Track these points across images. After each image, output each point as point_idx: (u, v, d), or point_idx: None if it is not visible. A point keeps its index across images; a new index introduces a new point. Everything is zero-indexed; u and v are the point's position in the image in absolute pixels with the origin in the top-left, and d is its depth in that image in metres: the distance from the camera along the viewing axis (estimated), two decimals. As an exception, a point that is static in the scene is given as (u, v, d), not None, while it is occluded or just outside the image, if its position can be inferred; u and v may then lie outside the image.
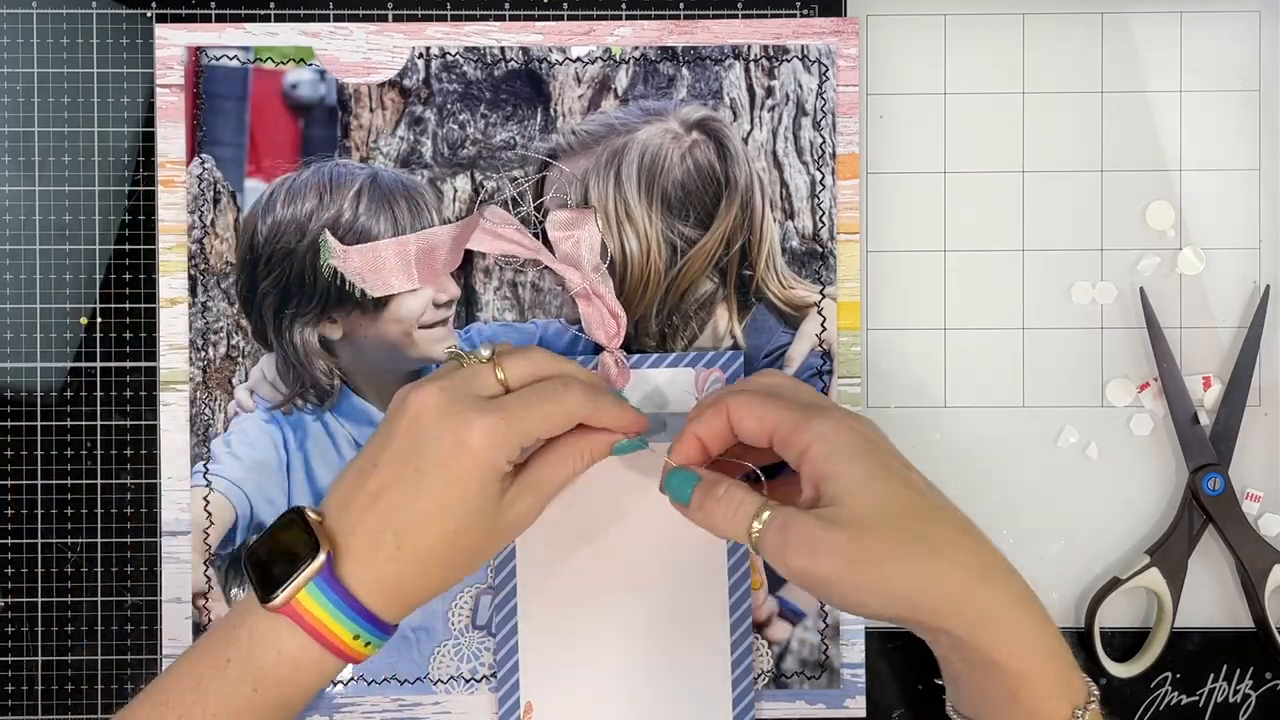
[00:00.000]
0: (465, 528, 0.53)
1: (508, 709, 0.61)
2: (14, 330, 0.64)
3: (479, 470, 0.52)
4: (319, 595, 0.51)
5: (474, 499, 0.52)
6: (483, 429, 0.52)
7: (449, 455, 0.52)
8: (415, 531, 0.52)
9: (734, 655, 0.61)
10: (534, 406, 0.54)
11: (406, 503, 0.52)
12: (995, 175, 0.65)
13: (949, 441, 0.65)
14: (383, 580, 0.52)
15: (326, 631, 0.52)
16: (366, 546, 0.52)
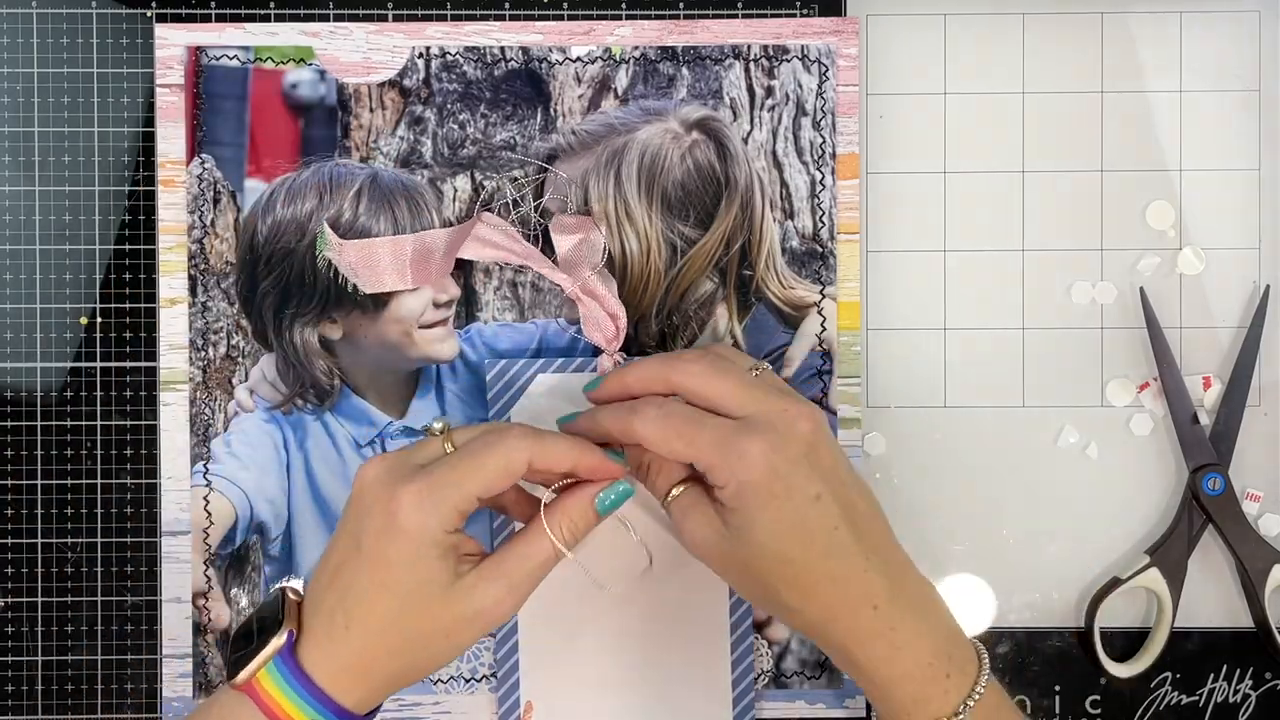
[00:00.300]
0: (407, 608, 0.50)
1: (507, 708, 0.61)
2: (14, 330, 0.64)
3: (410, 543, 0.50)
4: (277, 676, 0.50)
5: (409, 575, 0.50)
6: (407, 497, 0.50)
7: (381, 529, 0.50)
8: (360, 611, 0.50)
9: (734, 655, 0.61)
10: (462, 462, 0.51)
11: (353, 581, 0.51)
12: (995, 175, 0.65)
13: (949, 441, 0.65)
14: (337, 662, 0.51)
15: (280, 712, 0.50)
16: (323, 626, 0.51)
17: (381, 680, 0.51)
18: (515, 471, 0.51)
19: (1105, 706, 0.64)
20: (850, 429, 0.63)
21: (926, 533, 0.64)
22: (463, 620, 0.51)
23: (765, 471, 0.50)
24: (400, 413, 0.63)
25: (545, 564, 0.52)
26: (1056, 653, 0.64)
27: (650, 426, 0.52)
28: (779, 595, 0.51)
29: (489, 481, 0.50)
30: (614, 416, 0.53)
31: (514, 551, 0.52)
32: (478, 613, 0.51)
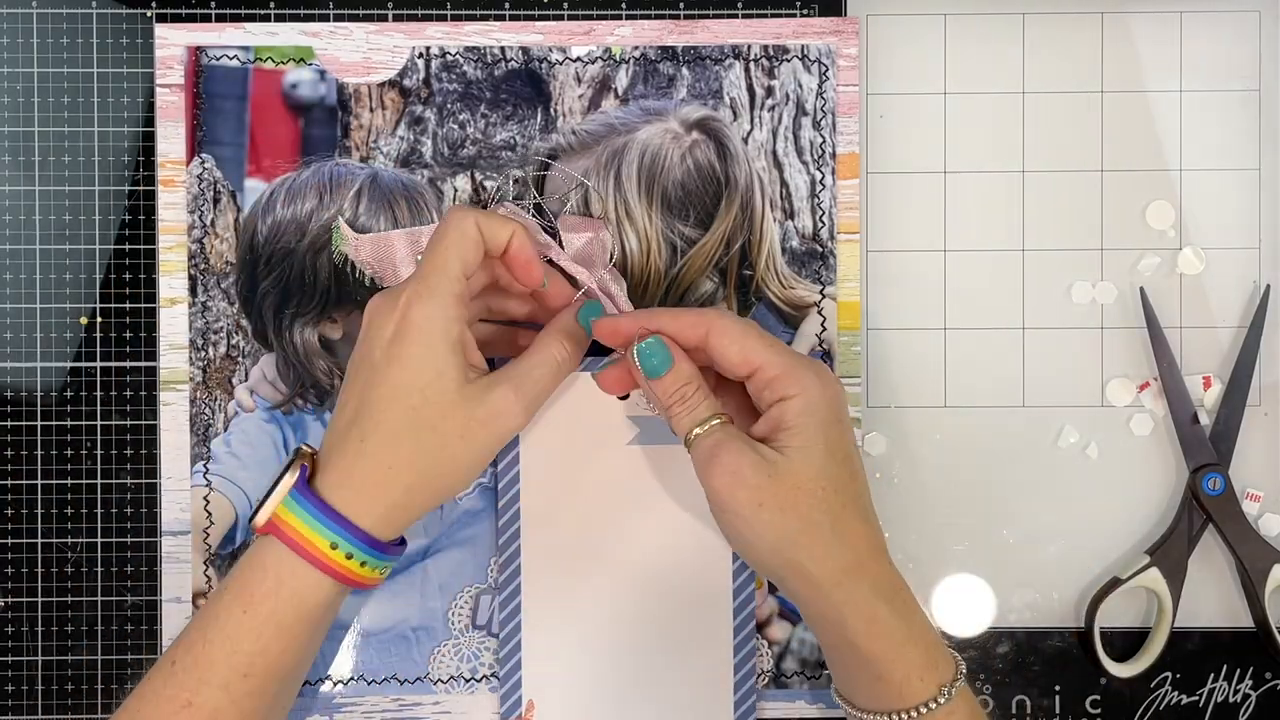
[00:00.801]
0: (423, 403, 0.52)
1: (509, 707, 0.61)
2: (14, 330, 0.64)
3: (421, 336, 0.52)
4: (294, 506, 0.52)
5: (423, 368, 0.52)
6: (409, 293, 0.52)
7: (393, 334, 0.52)
8: (376, 418, 0.52)
9: (736, 658, 0.61)
10: (431, 253, 0.53)
11: (367, 394, 0.52)
12: (995, 175, 0.65)
13: (949, 441, 0.65)
14: (354, 481, 0.52)
15: (303, 541, 0.51)
16: (338, 452, 0.52)
17: (399, 496, 0.52)
18: (472, 237, 0.53)
19: (1105, 706, 0.64)
20: (850, 429, 0.63)
21: (926, 533, 0.64)
22: (476, 422, 0.52)
23: (835, 394, 0.53)
24: (400, 413, 0.63)
25: (552, 371, 0.55)
26: (1056, 653, 0.64)
27: (729, 321, 0.53)
28: (811, 537, 0.51)
29: (459, 255, 0.53)
30: (680, 311, 0.54)
31: (520, 364, 0.55)
32: (491, 414, 0.52)
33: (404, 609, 0.63)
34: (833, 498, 0.52)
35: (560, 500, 0.61)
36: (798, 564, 0.52)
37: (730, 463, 0.52)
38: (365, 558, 0.52)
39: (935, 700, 0.52)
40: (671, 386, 0.54)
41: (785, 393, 0.52)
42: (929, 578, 0.64)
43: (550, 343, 0.55)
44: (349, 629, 0.63)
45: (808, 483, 0.52)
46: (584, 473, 0.61)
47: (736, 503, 0.52)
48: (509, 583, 0.61)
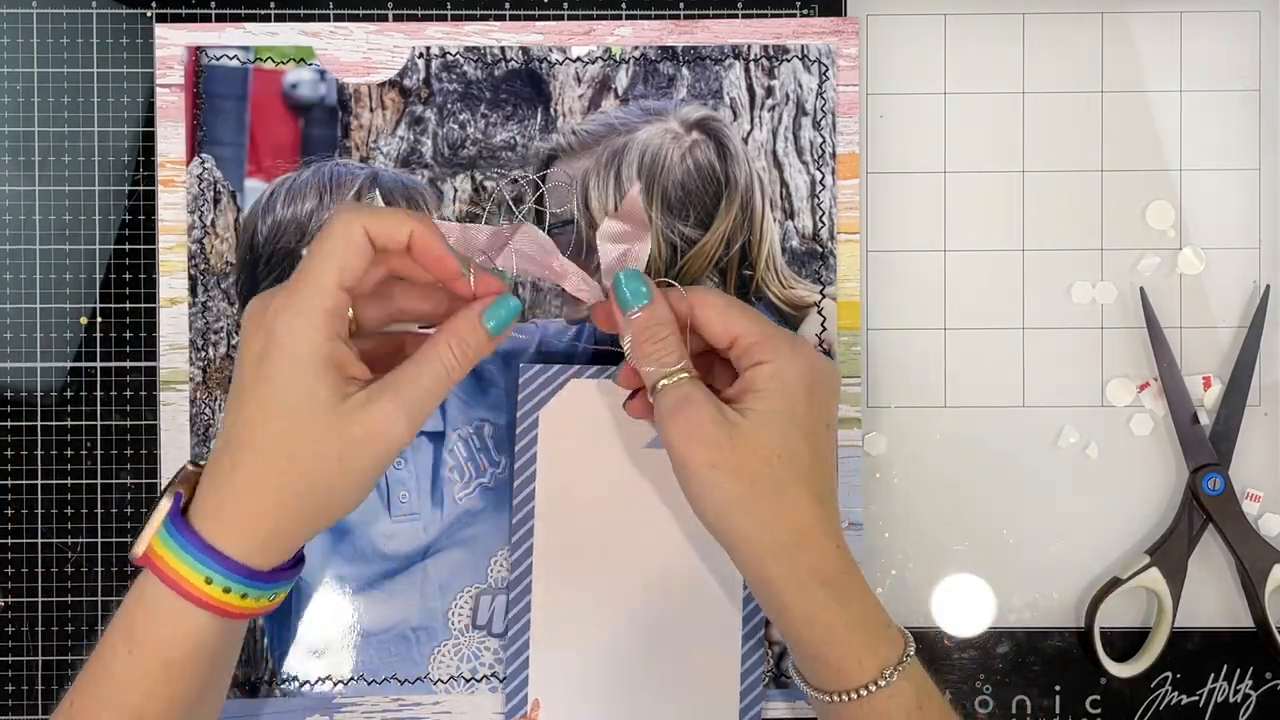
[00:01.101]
0: (291, 428, 0.48)
1: (514, 705, 0.61)
2: (14, 330, 0.64)
3: (287, 356, 0.48)
4: (166, 538, 0.48)
5: (291, 390, 0.47)
6: (278, 304, 0.48)
7: (260, 351, 0.48)
8: (245, 445, 0.48)
9: (744, 652, 0.61)
10: (309, 261, 0.49)
11: (236, 419, 0.49)
12: (995, 175, 0.65)
13: (949, 441, 0.65)
14: (227, 509, 0.48)
15: (177, 577, 0.48)
16: (210, 481, 0.49)
17: (274, 524, 0.49)
18: (357, 243, 0.49)
19: (1105, 706, 0.64)
20: (850, 429, 0.63)
21: (926, 533, 0.64)
22: (355, 442, 0.48)
23: (809, 366, 0.53)
24: (400, 413, 0.63)
25: (438, 381, 0.50)
26: (1056, 653, 0.64)
27: (714, 294, 0.55)
28: (756, 505, 0.51)
29: (339, 264, 0.48)
30: (675, 289, 0.55)
31: (404, 372, 0.50)
32: (370, 433, 0.48)
33: (404, 609, 0.63)
34: (785, 469, 0.52)
35: (574, 501, 0.61)
36: (740, 531, 0.52)
37: (692, 417, 0.51)
38: (245, 589, 0.49)
39: (875, 683, 0.52)
40: (646, 322, 0.54)
41: (759, 357, 0.53)
42: (929, 578, 0.64)
43: (439, 346, 0.50)
44: (349, 629, 0.63)
45: (763, 449, 0.51)
46: (598, 474, 0.61)
47: (692, 459, 0.51)
48: (519, 581, 0.61)
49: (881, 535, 0.64)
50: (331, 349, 0.48)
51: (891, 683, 0.52)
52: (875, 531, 0.64)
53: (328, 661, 0.63)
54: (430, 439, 0.63)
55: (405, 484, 0.63)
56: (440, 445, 0.63)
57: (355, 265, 0.49)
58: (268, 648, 0.63)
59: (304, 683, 0.63)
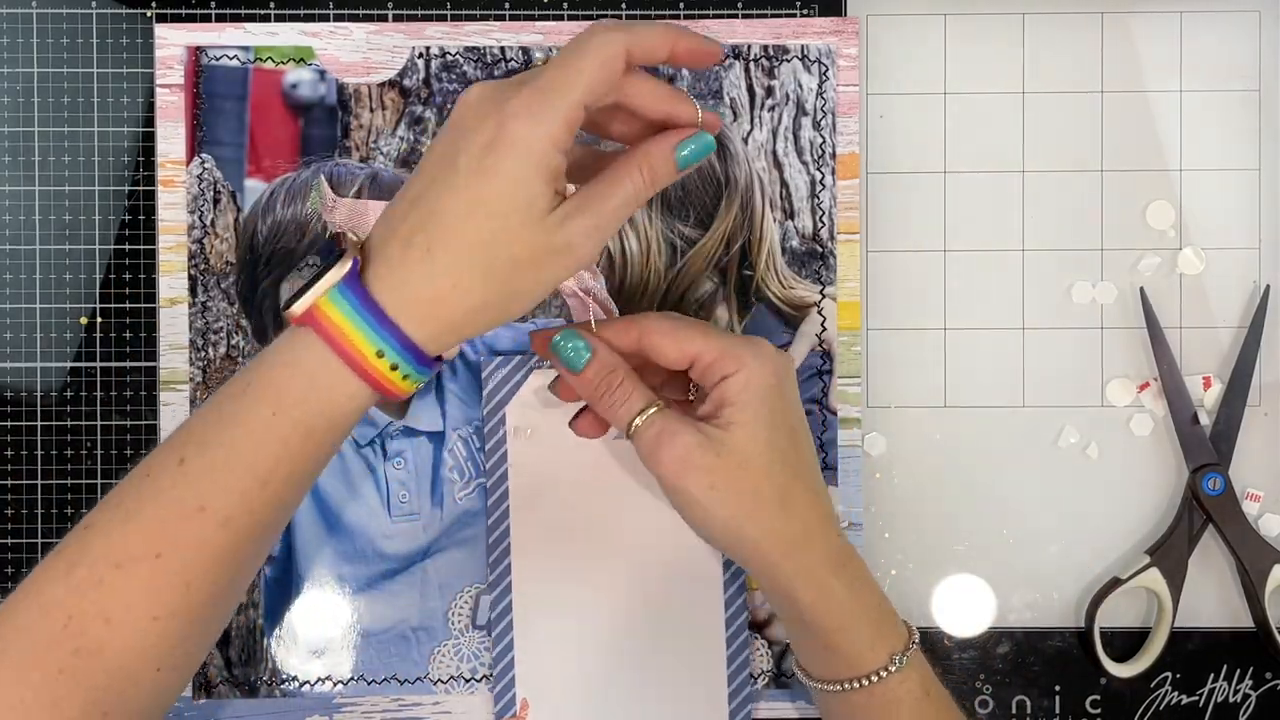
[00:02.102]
0: (503, 227, 0.47)
1: (503, 706, 0.61)
2: (14, 330, 0.64)
3: (520, 156, 0.47)
4: (339, 299, 0.47)
5: (514, 192, 0.47)
6: (517, 105, 0.47)
7: (487, 143, 0.47)
8: (448, 231, 0.47)
9: (729, 652, 0.61)
10: (562, 65, 0.48)
11: (441, 202, 0.47)
12: (995, 175, 0.65)
13: (949, 441, 0.65)
14: (411, 288, 0.47)
15: (345, 341, 0.47)
16: (398, 253, 0.47)
17: (459, 316, 0.48)
18: (616, 66, 0.48)
19: (1105, 706, 0.64)
20: (850, 429, 0.63)
21: (926, 533, 0.64)
22: (553, 253, 0.48)
23: (774, 368, 0.53)
24: (400, 413, 0.63)
25: (626, 203, 0.49)
26: (1056, 653, 0.64)
27: (660, 318, 0.54)
28: (759, 510, 0.52)
29: (593, 82, 0.48)
30: (618, 321, 0.54)
31: (595, 190, 0.49)
32: (568, 245, 0.48)
33: (404, 609, 0.63)
34: (779, 470, 0.52)
35: (548, 494, 0.61)
36: (749, 539, 0.52)
37: (676, 447, 0.52)
38: (409, 370, 0.48)
39: (886, 669, 0.53)
40: (596, 378, 0.53)
41: (725, 371, 0.53)
42: (929, 578, 0.64)
43: (631, 170, 0.50)
44: (349, 629, 0.63)
45: (754, 457, 0.52)
46: (571, 466, 0.61)
47: (687, 485, 0.52)
48: (500, 581, 0.61)
49: (881, 535, 0.64)
50: (559, 160, 0.48)
51: (902, 668, 0.53)
52: (875, 531, 0.64)
53: (328, 661, 0.63)
54: (430, 439, 0.63)
55: (405, 484, 0.63)
56: (440, 445, 0.63)
57: (605, 85, 0.48)
58: (268, 648, 0.63)
59: (304, 683, 0.63)
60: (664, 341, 0.54)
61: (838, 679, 0.54)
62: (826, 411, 0.63)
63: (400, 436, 0.63)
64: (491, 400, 0.61)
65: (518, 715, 0.61)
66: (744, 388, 0.52)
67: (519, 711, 0.61)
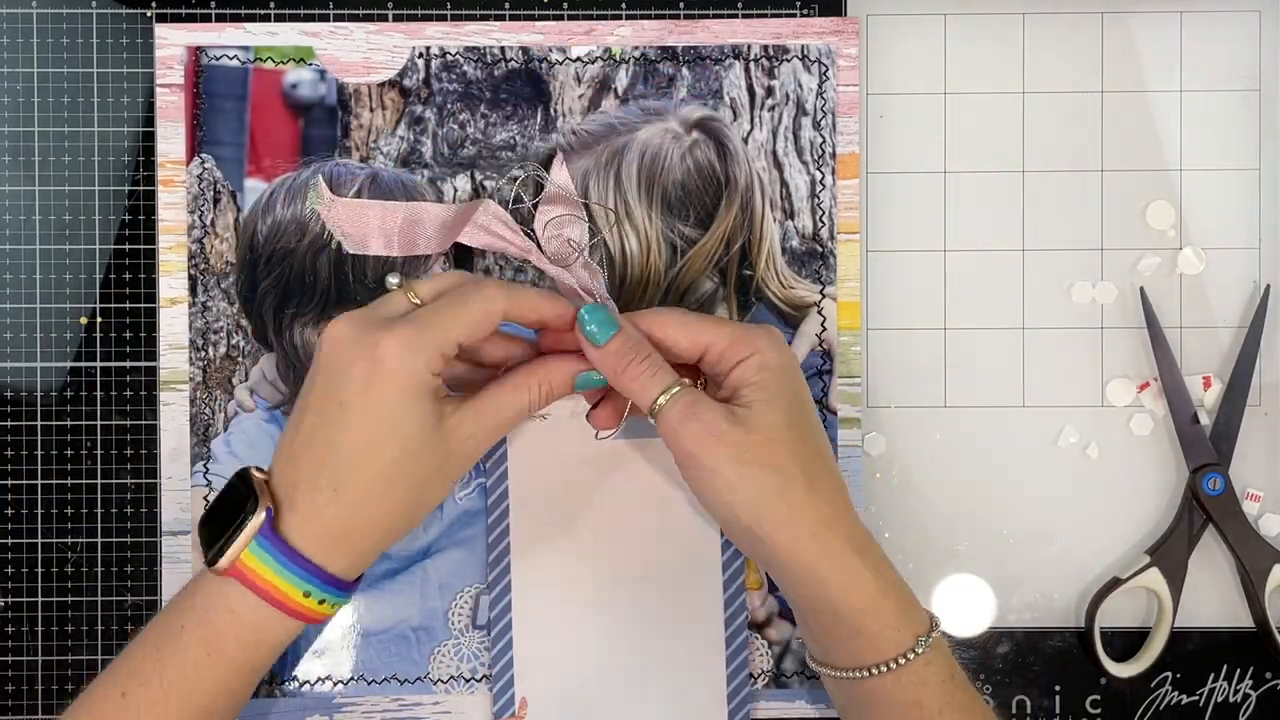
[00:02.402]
0: (403, 455, 0.50)
1: (502, 705, 0.61)
2: (14, 330, 0.64)
3: (399, 387, 0.50)
4: (262, 553, 0.50)
5: (404, 420, 0.50)
6: (393, 342, 0.50)
7: (366, 380, 0.50)
8: (350, 470, 0.50)
9: (728, 650, 0.61)
10: (444, 309, 0.52)
11: (336, 442, 0.50)
12: (995, 175, 0.65)
13: (949, 441, 0.65)
14: (325, 529, 0.50)
15: (274, 590, 0.50)
16: (305, 496, 0.50)
17: (372, 543, 0.52)
18: (494, 317, 0.52)
19: (1105, 706, 0.64)
20: (850, 429, 0.63)
21: (926, 533, 0.64)
22: (454, 456, 0.52)
23: (789, 354, 0.54)
24: (400, 413, 0.63)
25: (520, 413, 0.54)
26: (1056, 653, 0.64)
27: (670, 312, 0.55)
28: (789, 486, 0.52)
29: (470, 327, 0.51)
30: (627, 315, 0.55)
31: (495, 398, 0.53)
32: (461, 451, 0.52)
33: (404, 609, 0.63)
34: (802, 448, 0.53)
35: (549, 497, 0.61)
36: (777, 517, 0.52)
37: (705, 421, 0.52)
38: (333, 598, 0.52)
39: (913, 650, 0.52)
40: (620, 350, 0.54)
41: (739, 355, 0.53)
42: (929, 578, 0.64)
43: (531, 384, 0.54)
44: (349, 629, 0.63)
45: (779, 432, 0.52)
46: (572, 470, 0.61)
47: (716, 460, 0.52)
48: (499, 580, 0.61)
49: (881, 535, 0.64)
50: (438, 385, 0.51)
51: (928, 647, 0.53)
52: (875, 531, 0.64)
53: (328, 661, 0.63)
54: (430, 439, 0.63)
55: (405, 484, 0.63)
56: (440, 445, 0.63)
57: (480, 335, 0.52)
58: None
59: (304, 683, 0.63)
60: (676, 333, 0.54)
61: (862, 665, 0.53)
62: (826, 411, 0.63)
63: (400, 436, 0.63)
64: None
65: (517, 715, 0.61)
66: (761, 367, 0.53)
67: (518, 711, 0.61)
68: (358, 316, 0.52)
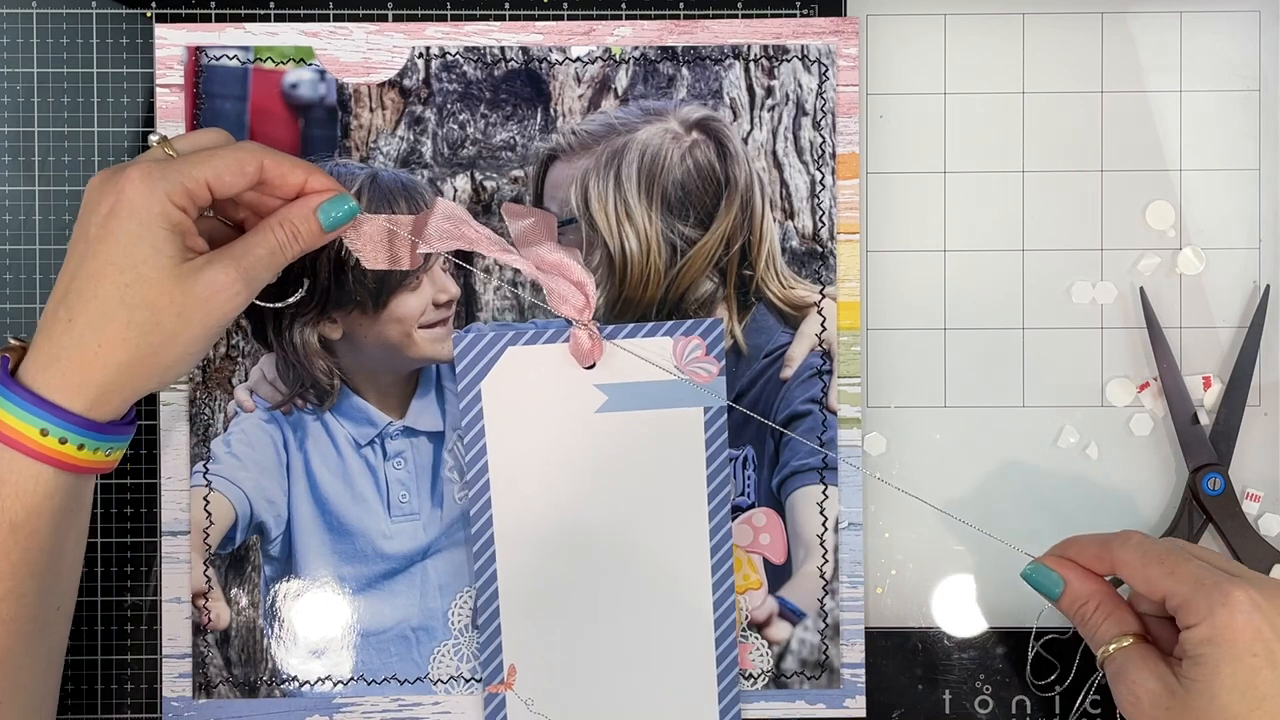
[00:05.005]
0: (135, 279, 0.51)
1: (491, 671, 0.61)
2: (14, 330, 0.64)
3: (135, 212, 0.51)
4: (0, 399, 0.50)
5: (138, 247, 0.51)
6: (135, 173, 0.51)
7: (109, 211, 0.51)
8: (85, 296, 0.50)
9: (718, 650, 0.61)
10: (194, 155, 0.53)
11: (77, 271, 0.51)
12: (995, 175, 0.65)
13: (949, 441, 0.65)
14: (62, 363, 0.51)
15: (11, 432, 0.50)
16: (45, 333, 0.51)
17: (111, 375, 0.51)
18: (246, 170, 0.53)
19: (1105, 706, 0.64)
20: (850, 429, 0.63)
21: (927, 533, 0.64)
22: (195, 300, 0.52)
23: (1248, 621, 0.48)
24: (400, 413, 0.63)
25: (271, 254, 0.54)
26: (1057, 653, 0.64)
27: (1131, 549, 0.52)
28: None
29: (218, 170, 0.53)
30: (1091, 538, 0.54)
31: (240, 243, 0.54)
32: (210, 292, 0.52)
33: (404, 609, 0.63)
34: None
35: (529, 476, 0.61)
36: None
37: (1131, 687, 0.51)
38: (82, 440, 0.51)
39: None
40: (1070, 608, 0.54)
41: (1188, 620, 0.50)
42: (929, 578, 0.64)
43: (273, 226, 0.55)
44: (349, 629, 0.63)
45: (1208, 717, 0.49)
46: (553, 447, 0.61)
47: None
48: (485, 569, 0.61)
49: (881, 535, 0.64)
50: (179, 218, 0.52)
51: None
52: (875, 531, 0.64)
53: (328, 661, 0.63)
54: (430, 439, 0.63)
55: (405, 484, 0.63)
56: (440, 445, 0.63)
57: (232, 181, 0.53)
58: (268, 648, 0.63)
59: (304, 683, 0.63)
60: (1133, 578, 0.52)
61: None
62: (826, 411, 0.63)
63: (400, 436, 0.63)
64: (467, 375, 0.61)
65: (505, 682, 0.61)
66: (1203, 641, 0.49)
67: (506, 678, 0.61)
68: (113, 168, 0.53)
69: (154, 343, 0.51)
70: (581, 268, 0.60)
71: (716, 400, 0.61)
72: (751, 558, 0.63)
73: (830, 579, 0.63)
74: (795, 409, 0.63)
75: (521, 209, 0.62)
